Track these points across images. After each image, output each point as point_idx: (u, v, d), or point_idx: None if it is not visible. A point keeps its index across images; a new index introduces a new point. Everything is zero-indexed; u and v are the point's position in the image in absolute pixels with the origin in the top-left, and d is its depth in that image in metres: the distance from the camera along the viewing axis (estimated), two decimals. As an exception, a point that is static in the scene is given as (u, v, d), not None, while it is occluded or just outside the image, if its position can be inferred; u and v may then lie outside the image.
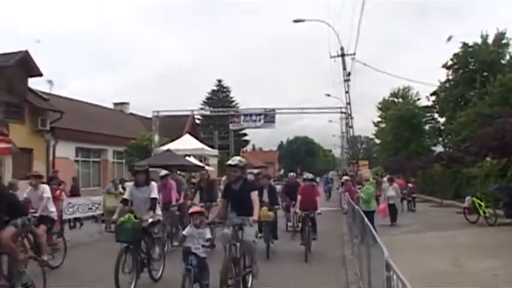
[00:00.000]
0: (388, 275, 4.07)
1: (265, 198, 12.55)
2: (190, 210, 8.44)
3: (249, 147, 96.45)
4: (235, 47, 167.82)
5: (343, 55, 31.37)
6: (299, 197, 12.64)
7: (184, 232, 7.88)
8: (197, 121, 73.54)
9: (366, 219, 7.88)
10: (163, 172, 14.00)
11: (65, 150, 28.35)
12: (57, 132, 27.44)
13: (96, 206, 17.46)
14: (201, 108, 63.21)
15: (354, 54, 31.33)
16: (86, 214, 16.85)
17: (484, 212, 16.98)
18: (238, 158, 8.70)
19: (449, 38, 72.39)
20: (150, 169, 24.23)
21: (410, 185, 25.70)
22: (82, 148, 30.74)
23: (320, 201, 12.64)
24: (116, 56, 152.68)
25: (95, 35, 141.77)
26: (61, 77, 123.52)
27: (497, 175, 22.51)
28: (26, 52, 25.43)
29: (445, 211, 23.59)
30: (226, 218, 8.08)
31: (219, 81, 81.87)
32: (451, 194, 29.02)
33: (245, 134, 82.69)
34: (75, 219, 18.01)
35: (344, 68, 31.57)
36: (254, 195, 8.00)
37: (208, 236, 7.73)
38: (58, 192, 15.42)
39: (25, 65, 25.46)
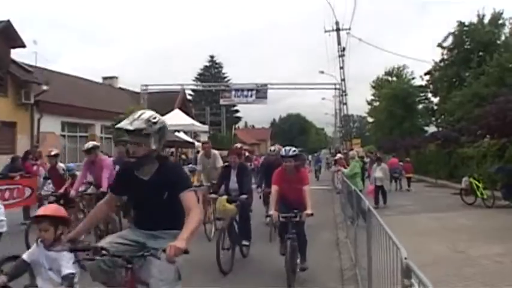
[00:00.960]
0: (407, 284, 3.20)
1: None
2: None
3: (241, 124, 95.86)
4: (229, 24, 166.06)
5: (338, 30, 30.60)
6: (273, 189, 7.65)
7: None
8: (189, 97, 73.23)
9: (366, 201, 6.97)
10: (91, 144, 10.35)
11: (51, 125, 27.55)
12: (42, 106, 26.64)
13: None
14: (198, 86, 62.31)
15: (349, 29, 30.62)
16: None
17: (482, 194, 16.38)
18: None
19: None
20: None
21: (401, 163, 25.19)
22: (68, 122, 29.92)
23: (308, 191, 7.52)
24: (109, 32, 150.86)
25: (89, 11, 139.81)
26: (52, 54, 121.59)
27: (494, 156, 21.97)
28: (8, 22, 24.48)
29: (439, 191, 23.03)
30: None
31: (211, 57, 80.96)
32: (446, 174, 28.56)
33: (237, 111, 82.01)
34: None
35: (339, 43, 30.87)
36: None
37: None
38: (36, 167, 14.61)
39: (7, 35, 24.50)
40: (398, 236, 4.27)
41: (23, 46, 25.60)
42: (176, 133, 29.04)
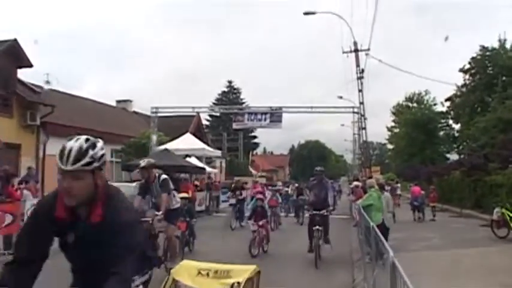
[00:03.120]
0: None
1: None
2: None
3: (259, 151, 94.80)
4: (246, 48, 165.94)
5: (356, 50, 29.38)
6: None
7: None
8: (206, 122, 72.71)
9: (389, 250, 5.41)
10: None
11: (57, 148, 26.06)
12: (49, 128, 25.74)
13: None
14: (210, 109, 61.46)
15: (368, 49, 29.37)
16: None
17: (516, 226, 14.85)
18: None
19: (447, 38, 71.06)
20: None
21: (423, 192, 23.75)
22: (77, 146, 28.83)
23: None
24: (127, 57, 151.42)
25: (107, 35, 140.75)
26: (70, 79, 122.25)
27: (526, 184, 20.41)
28: (15, 41, 23.67)
29: (466, 222, 21.40)
30: None
31: (229, 82, 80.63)
32: (471, 203, 26.94)
33: (255, 137, 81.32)
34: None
35: (357, 65, 29.60)
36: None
37: None
38: (19, 191, 13.39)
39: (13, 54, 23.69)
40: (427, 278, 3.22)
41: (30, 66, 24.78)
42: (187, 158, 27.95)
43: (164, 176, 9.78)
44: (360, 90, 29.30)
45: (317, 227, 11.78)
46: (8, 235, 11.89)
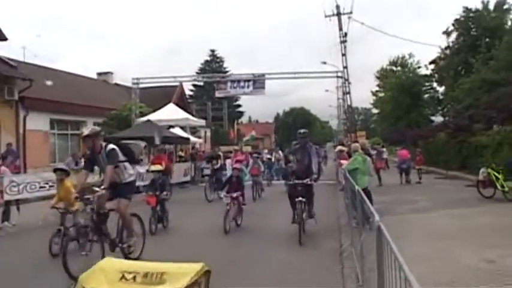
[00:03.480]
0: None
1: None
2: None
3: (244, 119, 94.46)
4: (228, 19, 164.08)
5: (338, 14, 28.99)
6: None
7: None
8: (190, 92, 72.01)
9: (374, 214, 5.12)
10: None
11: (38, 122, 26.10)
12: (28, 103, 25.21)
13: (51, 184, 14.68)
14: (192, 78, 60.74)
15: (351, 12, 29.02)
16: (36, 194, 13.98)
17: (503, 186, 14.73)
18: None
19: None
20: (129, 141, 22.31)
21: (409, 155, 23.67)
22: (58, 120, 28.41)
23: None
24: (108, 30, 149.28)
25: (87, 10, 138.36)
26: (51, 53, 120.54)
27: (511, 143, 20.30)
28: (-12, 13, 22.98)
29: (452, 184, 21.37)
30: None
31: (212, 51, 79.80)
32: (457, 165, 27.00)
33: (240, 105, 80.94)
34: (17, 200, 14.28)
35: (340, 28, 29.20)
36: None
37: None
38: None
39: (-13, 27, 23.06)
40: (414, 241, 3.41)
41: (4, 39, 24.12)
42: (171, 129, 27.59)
43: (111, 146, 8.50)
44: (344, 54, 29.01)
45: (300, 198, 10.45)
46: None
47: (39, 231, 10.98)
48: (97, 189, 7.99)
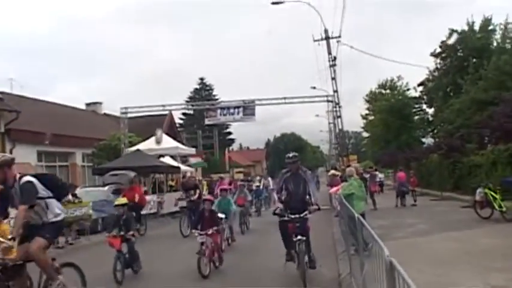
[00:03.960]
0: None
1: None
2: None
3: (236, 146, 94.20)
4: (216, 46, 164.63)
5: (327, 38, 28.80)
6: None
7: None
8: (180, 121, 71.82)
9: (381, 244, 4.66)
10: None
11: (25, 155, 25.56)
12: (15, 135, 24.92)
13: None
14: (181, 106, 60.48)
15: (339, 36, 28.85)
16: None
17: (500, 206, 14.46)
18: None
19: None
20: (119, 172, 21.93)
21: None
22: (46, 152, 28.05)
23: None
24: (94, 61, 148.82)
25: (74, 39, 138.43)
26: (41, 86, 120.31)
27: (506, 163, 20.12)
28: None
29: (448, 205, 21.14)
30: None
31: (201, 79, 79.81)
32: (451, 185, 26.87)
33: (230, 133, 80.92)
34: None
35: (329, 52, 29.04)
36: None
37: None
38: None
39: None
40: (416, 267, 3.18)
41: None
42: (161, 158, 27.23)
43: (27, 178, 6.68)
44: (333, 78, 28.79)
45: (299, 237, 8.56)
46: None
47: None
48: (2, 240, 6.30)
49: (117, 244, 9.62)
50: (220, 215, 11.97)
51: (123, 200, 11.25)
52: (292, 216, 8.67)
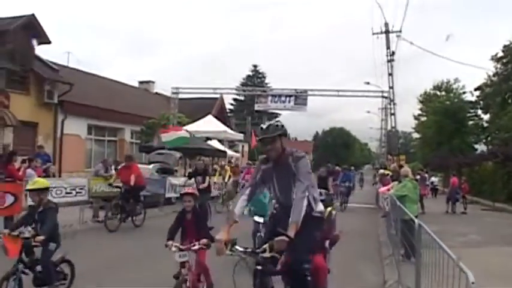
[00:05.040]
0: None
1: None
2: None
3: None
4: (273, 33, 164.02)
5: (387, 31, 27.97)
6: None
7: None
8: (231, 106, 71.81)
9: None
10: None
11: (75, 127, 25.95)
12: (67, 107, 25.10)
13: (78, 190, 14.19)
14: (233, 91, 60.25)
15: (400, 31, 27.96)
16: (62, 200, 13.17)
17: None
18: None
19: (448, 37, 67.73)
20: (165, 151, 21.77)
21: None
22: (96, 126, 28.23)
23: None
24: (152, 42, 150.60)
25: (135, 20, 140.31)
26: (95, 60, 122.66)
27: None
28: (32, 16, 22.97)
29: (500, 217, 20.21)
30: None
31: (255, 66, 79.50)
32: (504, 196, 25.65)
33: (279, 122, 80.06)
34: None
35: (388, 47, 28.20)
36: None
37: None
38: (22, 170, 12.49)
39: (31, 30, 23.00)
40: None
41: (48, 42, 24.06)
42: (209, 141, 27.04)
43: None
44: (390, 74, 27.94)
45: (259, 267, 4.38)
46: (9, 216, 11.02)
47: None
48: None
49: (14, 251, 6.29)
50: (257, 219, 8.96)
51: (39, 182, 7.09)
52: (278, 238, 4.27)
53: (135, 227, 13.91)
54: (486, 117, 45.77)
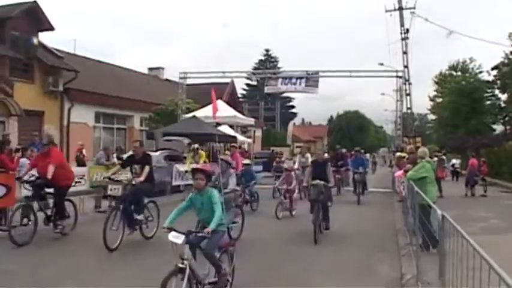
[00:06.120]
0: None
1: None
2: None
3: (298, 121, 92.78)
4: (284, 18, 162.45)
5: (400, 8, 27.10)
6: None
7: None
8: (243, 92, 71.24)
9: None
10: None
11: (83, 115, 25.53)
12: (73, 95, 24.73)
13: (77, 179, 13.36)
14: (246, 78, 59.47)
15: (414, 8, 27.10)
16: None
17: None
18: None
19: (450, 33, 66.20)
20: (173, 138, 21.16)
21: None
22: (104, 113, 27.80)
23: None
24: (164, 29, 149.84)
25: (147, 9, 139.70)
26: (103, 48, 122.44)
27: None
28: (35, 3, 22.43)
29: (522, 199, 19.38)
30: None
31: (267, 50, 78.82)
32: (524, 178, 24.80)
33: (293, 106, 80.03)
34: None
35: (402, 24, 27.35)
36: None
37: None
38: (16, 159, 11.81)
39: (34, 17, 22.53)
40: None
41: (52, 29, 23.54)
42: (220, 127, 26.39)
43: None
44: (405, 52, 27.10)
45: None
46: (1, 209, 10.40)
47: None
48: None
49: None
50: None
51: None
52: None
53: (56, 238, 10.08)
54: (504, 97, 44.64)
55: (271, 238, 10.66)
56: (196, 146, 17.77)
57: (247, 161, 15.24)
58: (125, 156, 13.35)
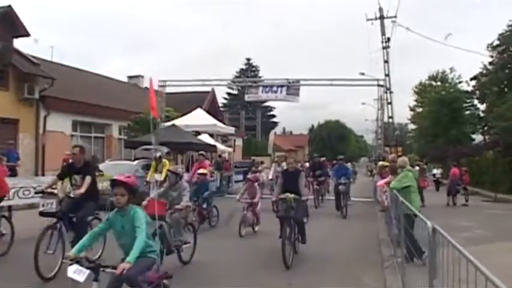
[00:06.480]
0: None
1: None
2: None
3: (279, 130, 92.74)
4: (264, 27, 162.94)
5: (382, 17, 27.04)
6: None
7: None
8: (224, 101, 71.07)
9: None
10: None
11: (59, 123, 24.97)
12: (49, 102, 24.19)
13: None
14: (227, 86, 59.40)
15: (395, 16, 27.08)
16: (30, 201, 11.89)
17: None
18: None
19: (447, 36, 67.28)
20: (151, 146, 20.63)
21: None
22: (82, 122, 27.26)
23: None
24: (144, 38, 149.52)
25: (124, 17, 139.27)
26: (83, 57, 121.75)
27: None
28: (9, 7, 21.92)
29: (503, 208, 19.36)
30: None
31: (248, 59, 78.70)
32: (506, 186, 24.79)
33: (274, 116, 79.94)
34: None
35: (383, 33, 27.29)
36: None
37: None
38: None
39: (8, 22, 21.97)
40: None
41: (27, 35, 23.04)
42: (200, 136, 26.05)
43: None
44: (386, 61, 26.98)
45: None
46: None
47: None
48: None
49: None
50: None
51: None
52: None
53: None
54: (482, 107, 45.01)
55: (232, 261, 9.27)
56: (159, 154, 16.34)
57: (202, 171, 13.52)
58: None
